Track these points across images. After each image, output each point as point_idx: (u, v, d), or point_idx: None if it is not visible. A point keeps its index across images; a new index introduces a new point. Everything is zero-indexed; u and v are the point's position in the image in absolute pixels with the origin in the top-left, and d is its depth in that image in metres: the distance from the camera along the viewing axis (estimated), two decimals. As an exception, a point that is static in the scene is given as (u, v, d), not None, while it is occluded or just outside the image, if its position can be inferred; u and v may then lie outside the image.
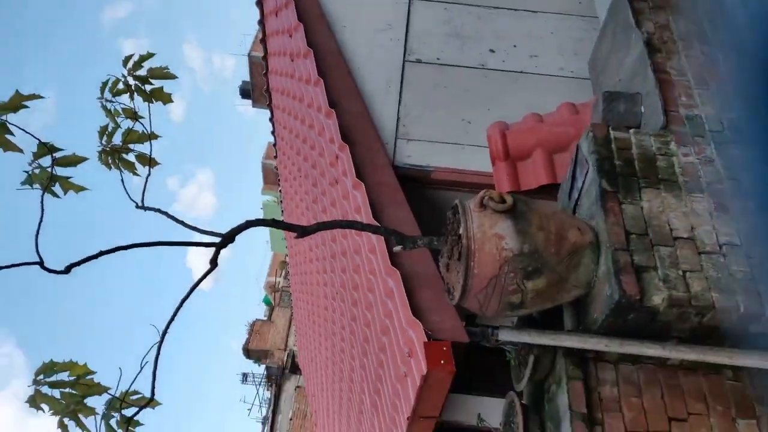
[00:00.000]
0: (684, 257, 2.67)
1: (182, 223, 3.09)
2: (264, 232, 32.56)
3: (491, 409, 5.57)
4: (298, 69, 4.89)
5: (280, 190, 8.54)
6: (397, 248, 2.87)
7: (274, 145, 7.52)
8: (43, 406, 2.51)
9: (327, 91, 4.24)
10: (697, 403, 2.79)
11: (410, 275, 3.28)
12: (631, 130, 3.16)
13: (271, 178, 29.85)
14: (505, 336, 2.90)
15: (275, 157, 7.83)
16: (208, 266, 2.70)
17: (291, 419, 21.56)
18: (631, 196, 2.87)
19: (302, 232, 2.87)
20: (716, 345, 2.66)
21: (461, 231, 2.67)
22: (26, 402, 2.52)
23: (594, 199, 2.91)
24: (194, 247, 2.86)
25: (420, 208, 3.93)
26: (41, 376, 2.55)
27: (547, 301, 2.77)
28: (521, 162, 3.89)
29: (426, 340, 2.89)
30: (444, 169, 4.12)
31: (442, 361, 2.81)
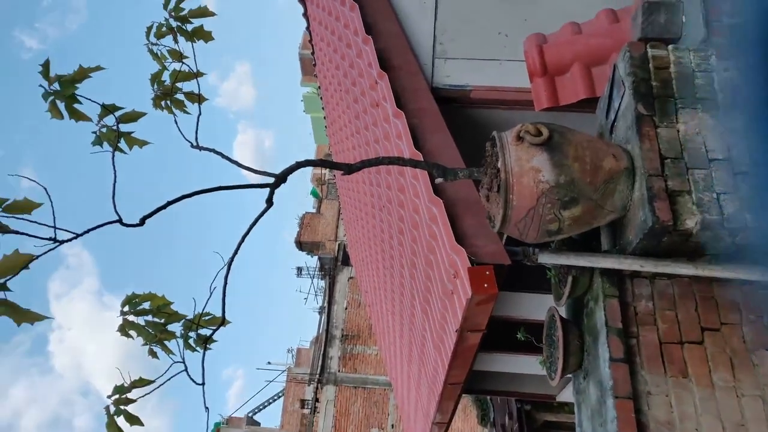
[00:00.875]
0: (719, 179, 2.74)
1: (236, 162, 3.30)
2: (307, 123, 32.74)
3: (536, 305, 5.90)
4: (331, -13, 4.83)
5: (319, 87, 8.53)
6: (439, 180, 3.02)
7: (313, 64, 7.49)
8: (131, 333, 2.87)
9: (362, 12, 4.22)
10: (730, 313, 2.95)
11: (453, 201, 3.44)
12: (670, 47, 3.12)
13: (309, 69, 29.52)
14: (544, 258, 3.08)
15: (310, 41, 7.69)
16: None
17: (346, 308, 22.82)
18: (667, 119, 2.90)
19: (348, 170, 3.03)
20: (749, 262, 2.78)
21: (499, 165, 2.78)
22: (117, 331, 2.88)
23: (630, 123, 2.95)
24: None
25: (461, 128, 4.01)
26: (126, 307, 2.89)
27: (584, 226, 2.92)
28: (559, 77, 3.88)
29: (470, 265, 3.09)
30: (483, 88, 4.13)
31: (485, 285, 3.02)
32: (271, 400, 27.69)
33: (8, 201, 2.35)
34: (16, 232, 2.38)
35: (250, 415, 26.87)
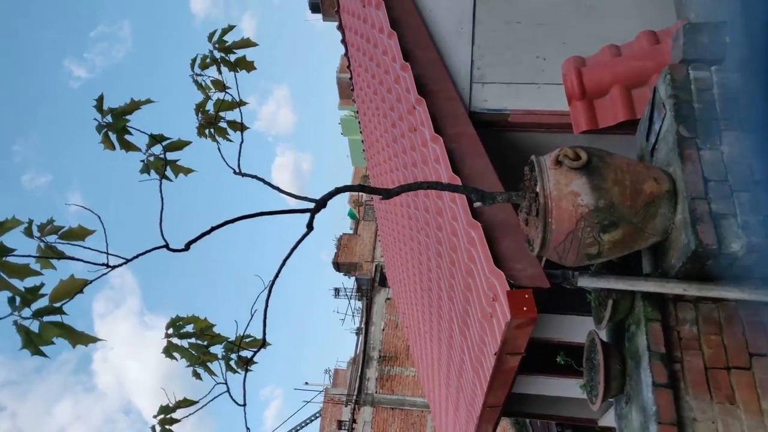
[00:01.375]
0: (765, 201, 2.70)
1: (277, 188, 3.39)
2: (345, 146, 33.18)
3: (576, 327, 5.82)
4: (369, 15, 4.94)
5: (357, 111, 8.65)
6: (477, 204, 3.04)
7: (351, 89, 7.62)
8: (176, 355, 2.95)
9: (400, 40, 4.30)
10: (779, 338, 2.88)
11: (491, 225, 3.46)
12: (713, 68, 3.10)
13: (346, 92, 29.97)
14: (584, 282, 3.06)
15: (348, 67, 7.84)
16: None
17: (383, 330, 22.77)
18: (711, 141, 2.87)
19: (387, 195, 3.08)
20: (797, 285, 2.72)
21: (538, 189, 2.80)
22: (162, 352, 2.96)
23: (671, 146, 2.93)
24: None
25: (499, 152, 4.03)
26: (171, 330, 2.98)
27: (624, 250, 2.90)
28: (598, 99, 3.88)
29: (508, 288, 3.10)
30: (521, 112, 4.15)
31: (524, 308, 3.02)
32: (308, 421, 27.68)
33: (64, 228, 2.47)
34: (72, 258, 2.50)
35: (287, 435, 26.89)
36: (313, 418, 27.25)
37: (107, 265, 2.52)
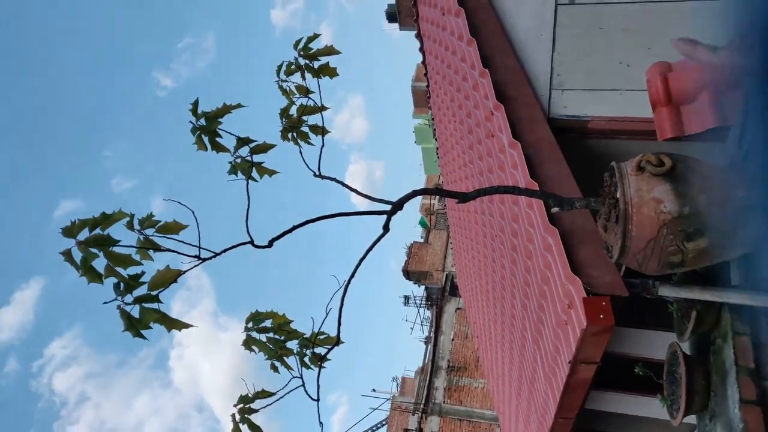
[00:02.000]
0: None
1: (355, 190, 3.50)
2: (418, 154, 33.37)
3: (657, 343, 5.62)
4: (449, 23, 4.99)
5: (432, 118, 8.72)
6: (555, 209, 3.02)
7: (428, 96, 7.70)
8: (254, 348, 3.08)
9: (479, 47, 4.33)
10: None
11: (569, 231, 3.42)
12: (810, 73, 2.95)
13: (421, 101, 30.17)
14: (665, 291, 2.99)
15: (425, 74, 7.93)
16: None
17: (453, 340, 22.62)
18: (807, 149, 2.74)
19: (463, 198, 3.11)
20: None
21: (618, 195, 2.76)
22: (241, 345, 3.10)
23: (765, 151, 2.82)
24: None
25: (578, 159, 3.98)
26: (250, 324, 3.12)
27: (710, 260, 2.80)
28: (685, 106, 3.76)
29: (585, 295, 3.05)
30: (602, 118, 4.08)
31: (601, 316, 2.97)
32: (374, 428, 27.82)
33: (161, 223, 2.65)
34: (168, 250, 2.68)
35: (354, 441, 27.11)
36: (379, 425, 27.37)
37: (199, 258, 2.69)
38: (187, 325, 2.48)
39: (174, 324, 2.45)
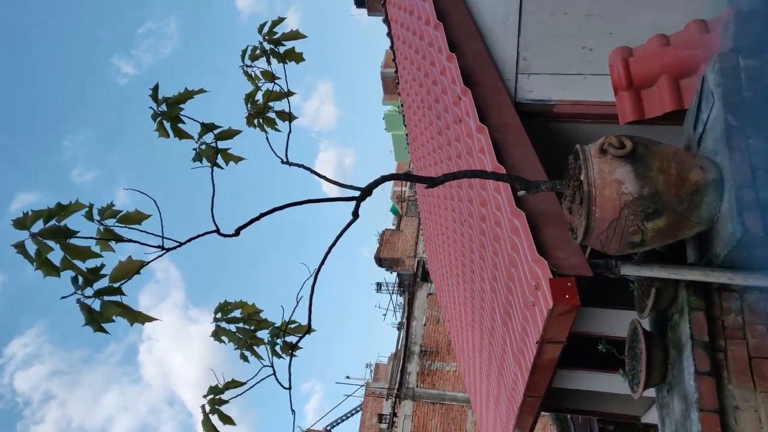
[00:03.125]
0: (815, 191, 2.66)
1: (323, 177, 3.49)
2: (388, 141, 33.35)
3: (618, 321, 5.77)
4: (416, 7, 5.01)
5: (401, 105, 8.70)
6: (521, 193, 3.09)
7: (396, 82, 7.70)
8: (224, 338, 3.06)
9: (446, 32, 4.35)
10: (828, 329, 2.84)
11: (535, 214, 3.49)
12: (764, 56, 3.06)
13: (390, 87, 30.11)
14: (627, 270, 3.08)
15: (394, 60, 7.91)
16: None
17: (425, 325, 22.83)
18: (759, 130, 2.85)
19: (431, 183, 3.16)
20: None
21: (582, 177, 2.83)
22: (210, 336, 3.07)
23: (719, 134, 2.92)
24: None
25: (544, 142, 4.05)
26: (219, 314, 3.09)
27: (668, 239, 2.90)
28: (645, 90, 3.85)
29: (551, 276, 3.13)
30: (566, 102, 4.16)
31: (566, 296, 3.05)
32: (349, 414, 28.00)
33: (122, 212, 2.59)
34: (130, 241, 2.63)
35: (328, 428, 27.28)
36: (354, 411, 27.55)
37: (162, 248, 2.64)
38: (150, 318, 2.45)
39: (137, 317, 2.41)
